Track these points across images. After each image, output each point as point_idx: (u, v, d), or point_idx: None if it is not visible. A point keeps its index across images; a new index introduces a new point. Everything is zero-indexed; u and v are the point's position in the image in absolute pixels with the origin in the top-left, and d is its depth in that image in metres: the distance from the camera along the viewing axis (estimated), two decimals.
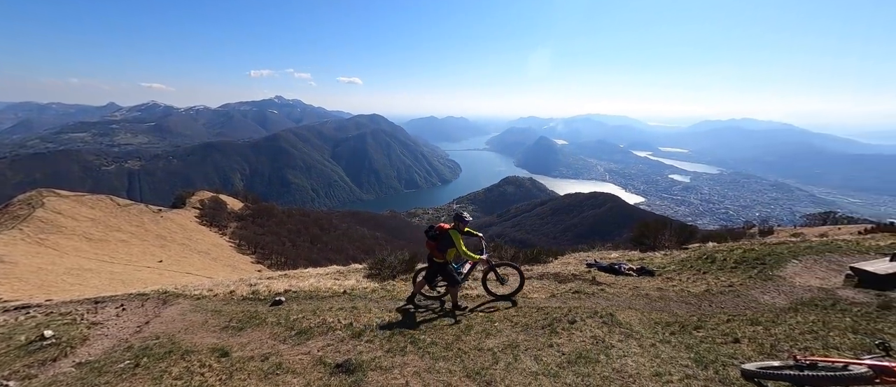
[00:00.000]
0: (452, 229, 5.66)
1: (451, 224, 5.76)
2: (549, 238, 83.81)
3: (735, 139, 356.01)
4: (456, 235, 5.60)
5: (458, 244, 5.55)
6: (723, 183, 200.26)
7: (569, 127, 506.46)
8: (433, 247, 5.72)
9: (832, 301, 5.96)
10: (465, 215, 5.85)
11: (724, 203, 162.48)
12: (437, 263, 5.75)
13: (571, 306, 5.84)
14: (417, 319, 5.45)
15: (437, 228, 5.79)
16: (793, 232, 23.09)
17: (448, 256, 5.72)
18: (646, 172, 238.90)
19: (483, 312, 5.68)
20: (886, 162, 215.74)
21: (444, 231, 5.69)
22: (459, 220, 5.78)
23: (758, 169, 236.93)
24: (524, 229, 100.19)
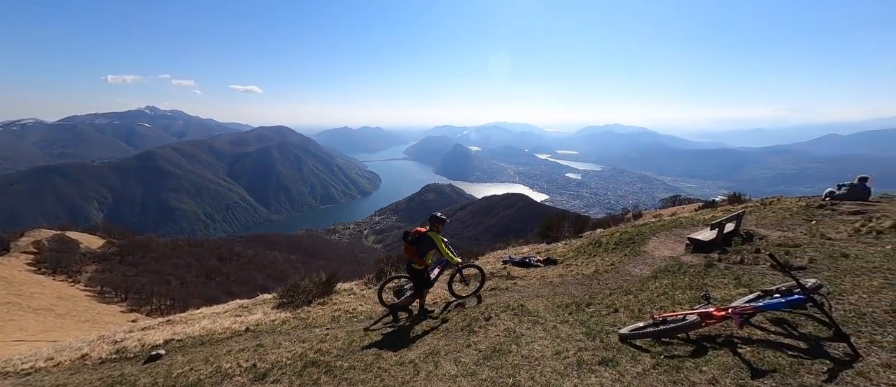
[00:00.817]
0: (432, 231, 5.56)
1: (428, 226, 5.66)
2: (471, 240, 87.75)
3: (610, 141, 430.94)
4: (437, 237, 5.52)
5: (441, 246, 5.49)
6: (605, 178, 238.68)
7: (480, 134, 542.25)
8: (413, 252, 5.53)
9: (678, 266, 7.55)
10: (441, 215, 5.76)
11: (607, 194, 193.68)
12: (417, 269, 5.59)
13: (488, 303, 6.19)
14: (336, 341, 5.09)
15: (414, 232, 5.61)
16: (654, 214, 29.22)
17: (427, 261, 5.59)
18: (547, 172, 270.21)
19: (405, 322, 5.62)
20: (709, 155, 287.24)
21: (423, 234, 5.55)
22: (437, 221, 5.69)
23: (628, 165, 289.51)
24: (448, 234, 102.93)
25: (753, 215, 12.70)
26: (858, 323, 3.51)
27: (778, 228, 10.46)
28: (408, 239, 5.56)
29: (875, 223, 7.92)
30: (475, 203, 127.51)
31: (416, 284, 5.71)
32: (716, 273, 6.25)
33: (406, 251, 5.63)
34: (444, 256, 5.62)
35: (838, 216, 10.06)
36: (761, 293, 4.00)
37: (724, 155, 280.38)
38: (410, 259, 5.63)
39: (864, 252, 5.84)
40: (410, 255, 5.59)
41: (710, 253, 8.49)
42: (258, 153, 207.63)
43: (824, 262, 5.64)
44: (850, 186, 11.22)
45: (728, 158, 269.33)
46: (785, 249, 6.95)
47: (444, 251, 5.54)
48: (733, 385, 2.80)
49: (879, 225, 7.65)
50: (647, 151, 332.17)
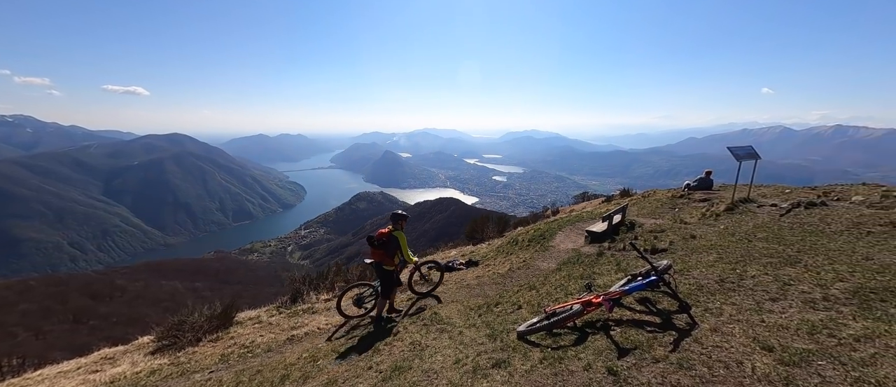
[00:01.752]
0: (397, 231, 5.57)
1: (391, 226, 5.64)
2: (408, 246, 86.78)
3: (530, 145, 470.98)
4: (402, 236, 5.56)
5: (404, 246, 5.51)
6: (527, 179, 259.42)
7: (410, 141, 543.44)
8: (382, 255, 5.52)
9: (577, 257, 8.34)
10: (403, 212, 5.77)
11: (530, 194, 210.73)
12: (388, 270, 5.57)
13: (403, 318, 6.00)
14: None
15: (379, 235, 5.56)
16: (569, 209, 33.04)
17: (396, 260, 5.61)
18: (476, 176, 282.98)
19: (308, 353, 5.07)
20: (607, 156, 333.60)
21: (389, 235, 5.54)
22: (400, 218, 5.70)
23: (546, 167, 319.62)
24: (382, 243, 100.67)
25: (635, 207, 14.93)
26: (697, 294, 4.22)
27: (652, 217, 12.41)
28: (375, 243, 5.54)
29: (715, 208, 9.93)
30: (408, 209, 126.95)
31: (386, 286, 5.69)
32: (604, 261, 7.06)
33: (373, 254, 5.62)
34: (404, 255, 5.68)
35: (693, 204, 12.40)
36: (631, 277, 4.57)
37: (618, 156, 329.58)
38: (379, 261, 5.61)
39: (705, 233, 7.21)
40: (379, 257, 5.58)
41: (603, 242, 9.62)
42: (146, 166, 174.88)
43: (679, 243, 6.80)
44: (699, 179, 13.87)
45: (621, 159, 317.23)
46: (654, 234, 8.21)
47: (405, 251, 5.61)
48: (603, 368, 3.07)
49: (717, 209, 9.61)
50: (561, 154, 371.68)
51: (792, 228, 6.54)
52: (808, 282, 3.94)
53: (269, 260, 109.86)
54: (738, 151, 9.43)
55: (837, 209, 7.29)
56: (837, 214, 6.86)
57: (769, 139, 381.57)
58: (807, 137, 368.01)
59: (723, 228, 7.53)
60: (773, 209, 8.55)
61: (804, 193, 9.71)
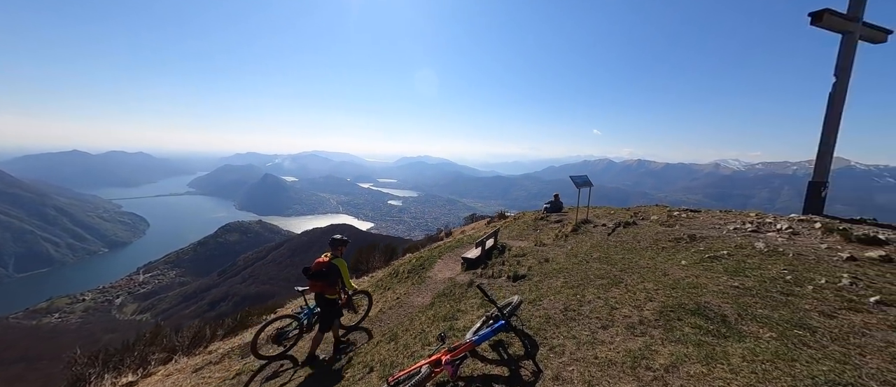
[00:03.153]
0: (337, 259, 5.33)
1: (330, 254, 5.36)
2: (292, 283, 76.11)
3: (423, 170, 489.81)
4: (342, 264, 5.33)
5: (345, 273, 5.28)
6: (422, 203, 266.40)
7: (297, 163, 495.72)
8: (324, 285, 5.24)
9: (451, 289, 7.99)
10: (342, 237, 5.50)
11: (425, 217, 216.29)
12: (331, 298, 5.34)
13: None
14: None
15: (317, 265, 5.24)
16: (460, 230, 34.30)
17: (338, 290, 5.36)
18: (371, 200, 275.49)
19: None
20: (491, 181, 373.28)
21: (329, 264, 5.22)
22: (340, 244, 5.47)
23: (438, 190, 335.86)
24: (259, 281, 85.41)
25: (507, 230, 16.21)
26: (545, 329, 4.15)
27: (519, 238, 13.50)
28: (314, 275, 5.20)
29: (565, 229, 11.37)
30: (294, 239, 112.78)
31: (328, 317, 5.39)
32: (472, 293, 6.85)
33: (312, 287, 5.36)
34: (346, 283, 5.38)
35: (550, 225, 14.10)
36: (487, 318, 4.26)
37: (499, 181, 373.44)
38: (321, 292, 5.31)
39: (556, 255, 7.89)
40: (319, 289, 5.31)
41: (476, 268, 9.68)
42: None
43: (536, 268, 7.18)
44: (550, 202, 15.94)
45: (501, 183, 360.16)
46: (518, 258, 8.63)
47: (346, 279, 5.33)
48: None
49: (566, 230, 10.99)
50: (452, 179, 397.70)
51: (616, 246, 7.68)
52: (629, 304, 4.29)
53: (81, 321, 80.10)
54: (578, 179, 11.06)
55: (643, 227, 9.04)
56: (643, 232, 8.45)
57: (600, 169, 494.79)
58: (622, 167, 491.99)
59: (570, 248, 8.41)
60: (603, 229, 10.17)
61: (622, 214, 11.99)
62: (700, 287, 4.37)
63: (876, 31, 6.72)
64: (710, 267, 5.08)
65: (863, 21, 6.50)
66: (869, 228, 5.91)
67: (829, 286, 3.89)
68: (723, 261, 5.25)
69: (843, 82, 6.66)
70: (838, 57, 6.67)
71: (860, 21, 6.51)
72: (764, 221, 7.21)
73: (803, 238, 5.92)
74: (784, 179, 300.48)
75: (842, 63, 6.64)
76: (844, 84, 6.67)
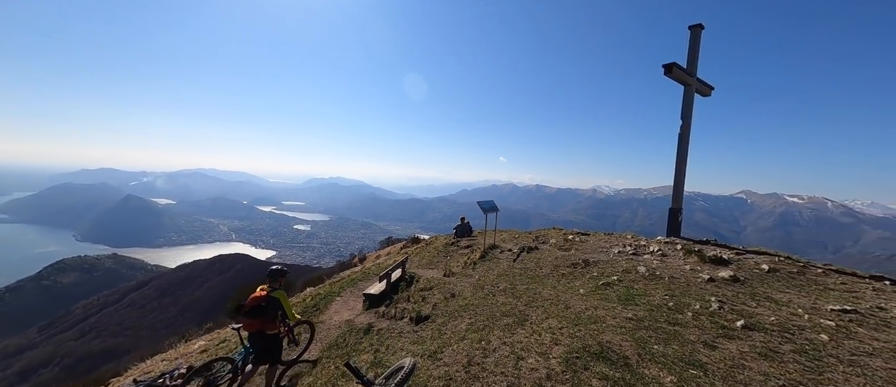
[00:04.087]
0: (277, 291, 4.78)
1: (267, 288, 4.78)
2: (160, 328, 60.15)
3: (335, 192, 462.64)
4: (283, 295, 4.83)
5: (288, 306, 4.83)
6: (333, 227, 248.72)
7: (174, 183, 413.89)
8: (263, 321, 4.62)
9: (346, 335, 6.66)
10: (281, 267, 4.96)
11: (337, 242, 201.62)
12: (271, 334, 4.73)
13: None
14: None
15: (252, 301, 4.59)
16: (376, 254, 32.29)
17: (278, 324, 4.83)
18: (273, 225, 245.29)
19: None
20: (407, 204, 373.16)
21: (267, 298, 4.64)
22: (279, 275, 4.88)
23: (352, 214, 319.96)
24: (108, 333, 65.40)
25: (418, 256, 15.46)
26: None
27: (429, 267, 12.85)
28: (246, 312, 4.56)
29: (473, 256, 11.18)
30: (165, 275, 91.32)
31: (274, 353, 4.78)
32: (366, 345, 5.74)
33: (249, 326, 4.67)
34: (288, 315, 4.85)
35: (460, 251, 13.86)
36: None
37: (416, 203, 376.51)
38: (260, 329, 4.64)
39: (464, 288, 7.38)
40: (258, 326, 4.63)
41: (381, 305, 8.55)
42: None
43: (442, 305, 6.49)
44: (458, 227, 15.89)
45: (418, 206, 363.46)
46: (424, 293, 7.85)
47: (288, 311, 4.82)
48: None
49: (474, 257, 10.79)
50: (367, 201, 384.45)
51: (521, 274, 7.58)
52: (535, 351, 3.86)
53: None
54: (484, 205, 11.08)
55: (544, 252, 9.33)
56: (545, 257, 8.65)
57: (506, 192, 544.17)
58: (524, 191, 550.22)
59: (477, 278, 8.04)
60: (509, 254, 10.25)
61: (526, 238, 12.45)
62: (600, 322, 4.21)
63: (705, 87, 8.48)
64: (606, 295, 5.12)
65: (697, 77, 8.13)
66: (715, 248, 6.94)
67: (703, 312, 4.08)
68: (615, 288, 5.37)
69: (687, 125, 8.08)
70: (682, 105, 8.09)
71: (695, 76, 8.11)
72: (639, 243, 8.01)
73: (671, 260, 6.61)
74: (639, 201, 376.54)
75: (685, 110, 8.07)
76: (688, 127, 8.08)
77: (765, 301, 4.40)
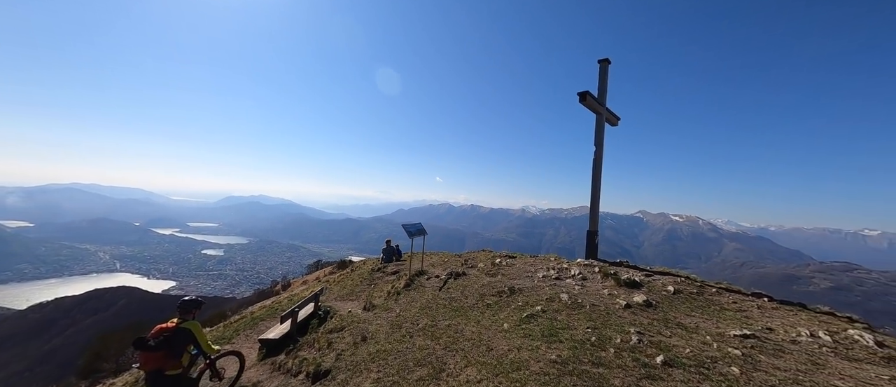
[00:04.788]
0: (190, 322, 4.16)
1: (177, 319, 4.18)
2: None
3: (257, 212, 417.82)
4: (197, 326, 4.18)
5: (203, 338, 4.21)
6: (253, 251, 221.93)
7: (33, 201, 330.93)
8: (162, 357, 3.93)
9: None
10: (197, 297, 4.33)
11: (256, 269, 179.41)
12: (172, 375, 3.98)
13: None
14: None
15: (157, 332, 3.96)
16: (303, 279, 28.74)
17: (184, 361, 4.11)
18: (175, 251, 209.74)
19: None
20: (341, 224, 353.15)
21: (175, 330, 4.00)
22: (194, 306, 4.29)
23: (277, 235, 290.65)
24: None
25: (338, 286, 13.86)
26: None
27: (350, 297, 11.46)
28: (148, 346, 3.87)
29: (398, 284, 10.24)
30: (9, 320, 69.92)
31: None
32: None
33: (148, 361, 3.90)
34: (204, 348, 4.27)
35: (386, 278, 12.74)
36: None
37: (350, 223, 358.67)
38: (158, 368, 3.93)
39: (379, 328, 6.39)
40: (157, 363, 3.92)
41: (280, 353, 7.07)
42: None
43: (349, 353, 5.41)
44: (385, 251, 14.84)
45: (352, 226, 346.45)
46: (332, 335, 6.62)
47: (204, 343, 4.24)
48: None
49: (399, 286, 9.88)
50: (295, 222, 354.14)
51: (445, 306, 6.90)
52: None
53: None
54: (411, 228, 10.32)
55: (471, 278, 8.85)
56: (471, 284, 8.15)
57: (442, 212, 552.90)
58: (459, 211, 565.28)
59: (398, 312, 7.13)
60: (436, 281, 9.56)
61: (455, 262, 11.94)
62: (523, 368, 3.68)
63: (613, 117, 9.19)
64: (530, 331, 4.68)
65: (607, 106, 8.76)
66: (628, 271, 7.17)
67: (624, 346, 3.82)
68: (539, 320, 5.00)
69: (600, 152, 8.55)
70: (595, 132, 8.58)
71: (605, 106, 8.73)
72: (562, 267, 8.00)
73: (590, 284, 6.59)
74: (561, 221, 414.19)
75: (597, 137, 8.56)
76: (600, 153, 8.56)
77: (677, 329, 4.37)
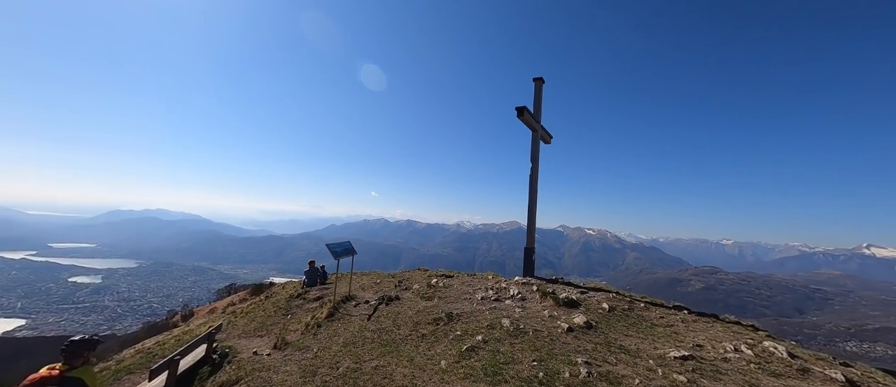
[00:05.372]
0: (80, 369, 3.28)
1: (62, 365, 3.24)
2: None
3: (152, 230, 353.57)
4: (90, 373, 3.35)
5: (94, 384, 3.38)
6: (143, 276, 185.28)
7: None
8: None
9: None
10: (92, 336, 3.55)
11: (148, 297, 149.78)
12: None
13: None
14: None
15: (35, 381, 3.17)
16: (210, 307, 24.47)
17: None
18: (27, 280, 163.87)
19: None
20: (260, 242, 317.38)
21: (61, 379, 3.17)
22: (86, 347, 3.40)
23: (177, 257, 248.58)
24: None
25: (247, 317, 11.64)
26: None
27: (259, 332, 9.57)
28: None
29: (319, 314, 8.85)
30: None
31: None
32: None
33: None
34: None
35: (307, 305, 11.07)
36: None
37: (273, 241, 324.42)
38: None
39: (285, 380, 5.11)
40: None
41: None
42: None
43: None
44: (307, 273, 13.14)
45: (275, 243, 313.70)
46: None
47: None
48: None
49: (321, 314, 8.53)
50: (203, 240, 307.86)
51: (373, 341, 5.92)
52: None
53: None
54: (336, 248, 9.10)
55: (405, 303, 7.99)
56: (405, 311, 7.30)
57: (378, 227, 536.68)
58: (396, 226, 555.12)
59: (314, 353, 5.90)
60: (365, 308, 8.47)
61: (388, 284, 10.91)
62: None
63: (547, 134, 9.46)
64: (470, 368, 4.06)
65: (542, 124, 8.97)
66: (564, 289, 7.10)
67: (574, 383, 3.41)
68: (480, 353, 4.41)
69: (536, 167, 8.62)
70: (531, 148, 8.65)
71: (540, 122, 8.92)
72: (501, 286, 7.67)
73: (530, 305, 6.30)
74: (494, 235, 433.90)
75: (533, 153, 8.65)
76: (536, 169, 8.63)
77: (621, 354, 4.17)
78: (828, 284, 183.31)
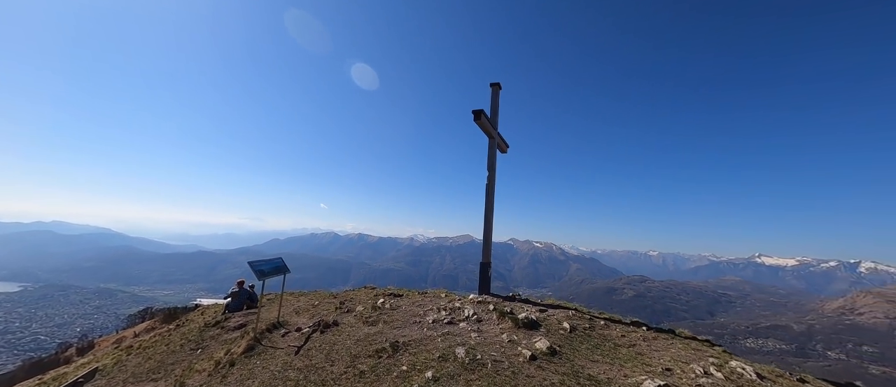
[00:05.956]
0: None
1: None
2: None
3: (46, 246, 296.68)
4: None
5: None
6: (29, 302, 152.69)
7: None
8: None
9: None
10: None
11: (32, 328, 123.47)
12: None
13: None
14: None
15: None
16: (117, 336, 20.42)
17: None
18: None
19: None
20: (187, 258, 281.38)
21: None
22: None
23: (77, 278, 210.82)
24: None
25: (141, 354, 9.44)
26: None
27: (153, 376, 7.65)
28: None
29: (238, 345, 7.32)
30: None
31: None
32: None
33: None
34: None
35: (225, 335, 9.23)
36: None
37: (203, 257, 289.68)
38: None
39: None
40: None
41: None
42: None
43: None
44: (232, 294, 11.28)
45: (206, 260, 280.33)
46: None
47: None
48: None
49: (237, 350, 7.01)
50: (113, 257, 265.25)
51: (299, 382, 4.78)
52: None
53: None
54: (261, 266, 7.67)
55: (344, 329, 6.85)
56: (342, 340, 6.19)
57: (327, 241, 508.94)
58: (346, 240, 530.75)
59: None
60: (295, 337, 7.13)
61: (327, 306, 9.56)
62: None
63: (503, 143, 9.13)
64: None
65: (498, 131, 8.60)
66: (522, 308, 6.55)
67: None
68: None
69: (492, 176, 8.16)
70: (488, 156, 8.21)
71: (497, 129, 8.54)
72: (454, 306, 6.92)
73: (487, 327, 5.63)
74: (447, 249, 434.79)
75: (490, 162, 8.20)
76: (493, 178, 8.17)
77: (589, 384, 3.58)
78: (731, 289, 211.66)
